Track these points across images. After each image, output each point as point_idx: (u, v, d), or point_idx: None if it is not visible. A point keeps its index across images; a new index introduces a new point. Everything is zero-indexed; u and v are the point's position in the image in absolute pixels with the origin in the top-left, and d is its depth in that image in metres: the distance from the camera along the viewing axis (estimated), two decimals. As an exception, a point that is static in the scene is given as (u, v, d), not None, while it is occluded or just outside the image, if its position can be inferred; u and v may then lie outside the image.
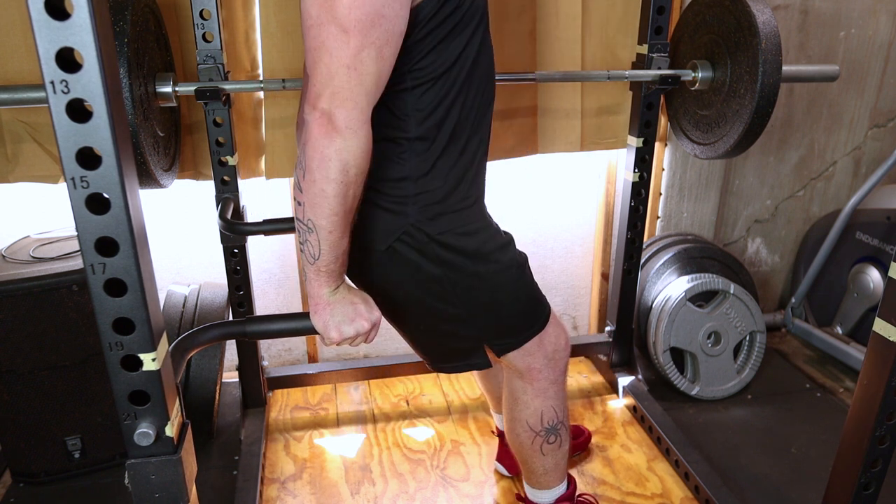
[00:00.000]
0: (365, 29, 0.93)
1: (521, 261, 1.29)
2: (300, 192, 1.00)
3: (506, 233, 1.28)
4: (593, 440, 1.93)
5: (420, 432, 1.98)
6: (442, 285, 1.20)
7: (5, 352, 1.56)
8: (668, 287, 2.11)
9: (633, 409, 2.05)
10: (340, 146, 0.94)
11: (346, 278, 1.10)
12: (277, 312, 2.12)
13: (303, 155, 0.97)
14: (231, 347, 2.09)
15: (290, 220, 1.55)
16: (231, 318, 1.89)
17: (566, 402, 1.44)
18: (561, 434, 1.43)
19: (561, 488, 1.50)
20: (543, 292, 1.37)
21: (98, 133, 0.71)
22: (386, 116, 1.10)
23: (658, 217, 2.36)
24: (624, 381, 2.11)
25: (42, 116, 1.67)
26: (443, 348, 1.34)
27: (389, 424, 2.01)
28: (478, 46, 1.12)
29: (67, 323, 1.58)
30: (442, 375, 2.25)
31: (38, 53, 0.68)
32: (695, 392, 2.08)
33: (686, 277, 2.10)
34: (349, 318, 1.07)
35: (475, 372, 1.62)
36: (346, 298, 1.08)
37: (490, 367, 1.35)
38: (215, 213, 1.67)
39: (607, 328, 2.16)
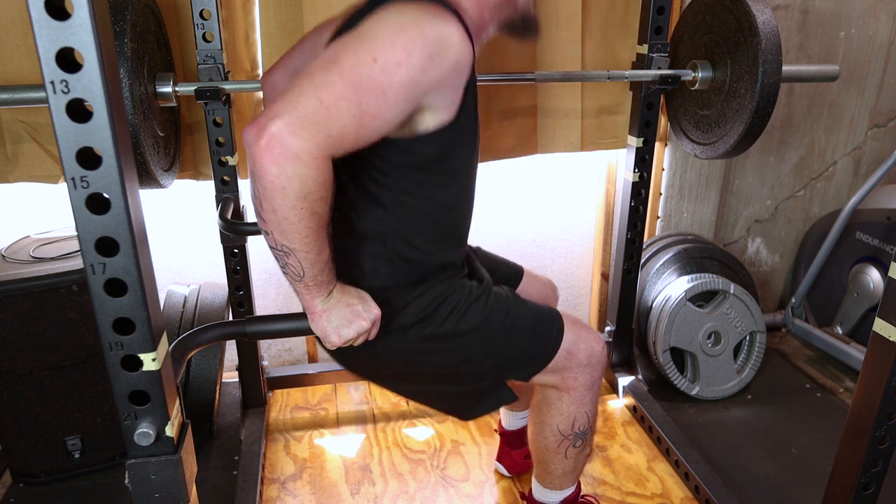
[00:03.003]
0: (360, 86, 0.92)
1: (497, 305, 1.26)
2: (263, 221, 0.95)
3: (478, 285, 1.28)
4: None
5: (420, 432, 1.98)
6: (435, 357, 1.25)
7: (5, 352, 1.56)
8: (668, 287, 2.11)
9: (633, 409, 2.05)
10: (292, 174, 0.89)
11: (338, 282, 1.07)
12: (277, 312, 2.12)
13: (255, 184, 0.92)
14: (231, 347, 2.09)
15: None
16: (231, 318, 1.88)
17: (598, 404, 1.41)
18: (587, 438, 1.41)
19: (571, 489, 1.49)
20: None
21: (98, 133, 0.71)
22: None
23: (658, 217, 2.36)
24: (624, 381, 2.11)
25: (42, 116, 1.67)
26: (464, 399, 1.34)
27: (389, 424, 2.01)
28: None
29: (67, 323, 1.58)
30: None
31: (38, 53, 0.68)
32: (695, 392, 2.08)
33: (686, 277, 2.10)
34: (347, 320, 1.05)
35: None
36: (341, 302, 1.05)
37: (516, 399, 1.34)
38: (215, 213, 1.67)
39: (607, 328, 2.16)
